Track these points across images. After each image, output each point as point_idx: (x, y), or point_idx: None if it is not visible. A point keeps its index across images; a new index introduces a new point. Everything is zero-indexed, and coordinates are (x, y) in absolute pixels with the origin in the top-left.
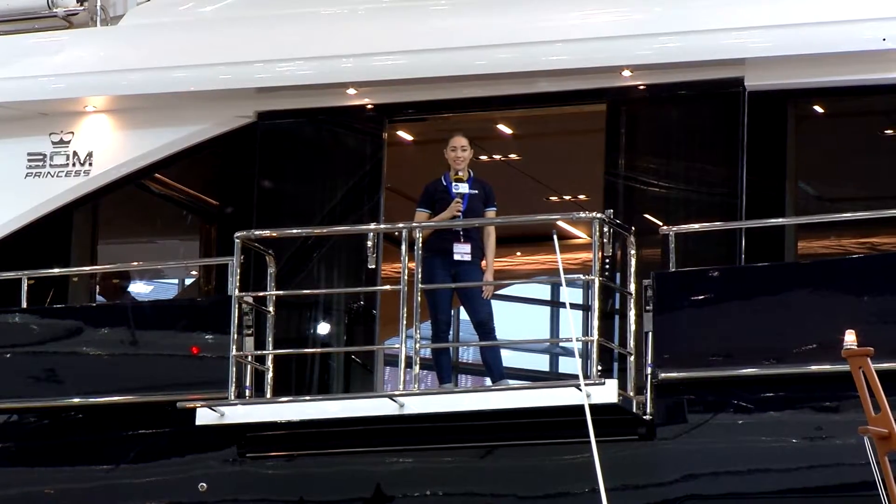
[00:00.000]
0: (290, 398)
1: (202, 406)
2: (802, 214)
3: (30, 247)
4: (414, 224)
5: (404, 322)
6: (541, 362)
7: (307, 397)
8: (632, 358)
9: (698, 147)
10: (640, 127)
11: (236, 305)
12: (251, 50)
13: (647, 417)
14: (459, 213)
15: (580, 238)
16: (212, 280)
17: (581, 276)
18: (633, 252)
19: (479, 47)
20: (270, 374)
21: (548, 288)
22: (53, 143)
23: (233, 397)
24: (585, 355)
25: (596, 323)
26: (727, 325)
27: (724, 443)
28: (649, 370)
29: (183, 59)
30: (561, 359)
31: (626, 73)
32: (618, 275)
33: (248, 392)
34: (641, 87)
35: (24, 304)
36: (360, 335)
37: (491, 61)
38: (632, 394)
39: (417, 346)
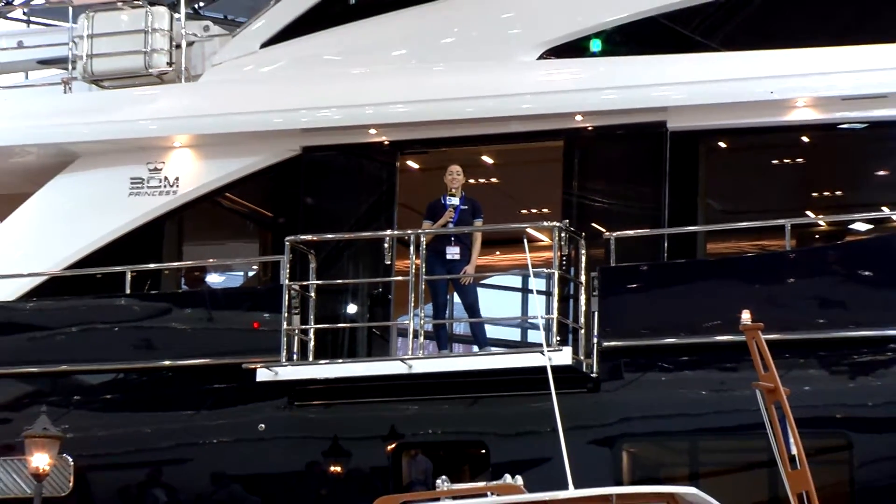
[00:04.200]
0: (327, 361)
1: (261, 367)
2: (710, 224)
3: (132, 248)
4: (419, 231)
5: (412, 304)
6: (514, 334)
7: (339, 360)
8: (582, 331)
9: (632, 173)
10: (588, 158)
11: (286, 292)
12: (297, 100)
13: (594, 375)
14: (451, 220)
15: (544, 241)
16: (268, 273)
17: (544, 269)
18: (583, 252)
19: (468, 98)
20: (312, 343)
21: (519, 279)
22: (149, 170)
23: (284, 360)
24: (547, 329)
25: (555, 305)
26: (654, 307)
27: (652, 394)
28: (595, 340)
29: (246, 107)
30: (529, 332)
31: (579, 117)
32: (572, 269)
33: (295, 356)
34: (590, 129)
35: (128, 291)
36: (378, 314)
37: (477, 108)
38: (582, 358)
39: (422, 322)
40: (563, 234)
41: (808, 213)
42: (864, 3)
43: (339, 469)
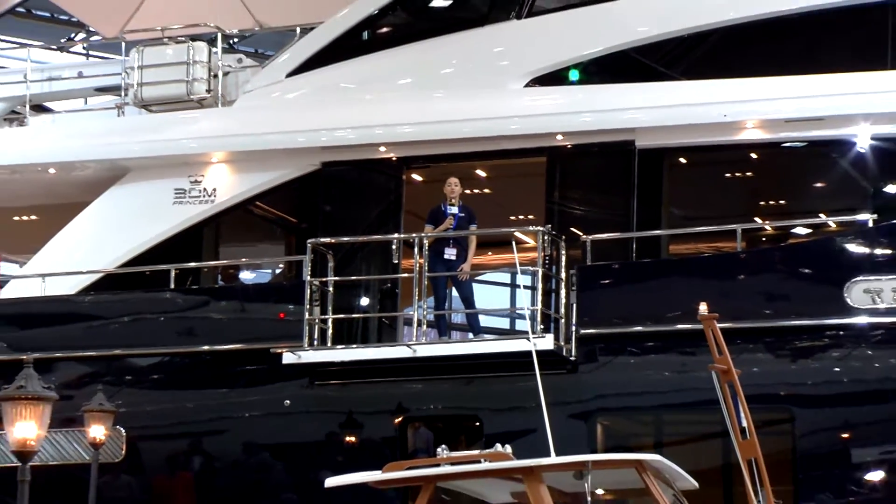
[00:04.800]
0: (343, 346)
1: (286, 351)
2: (672, 228)
3: (175, 249)
4: (423, 235)
5: (416, 297)
6: (504, 323)
7: (354, 346)
8: (562, 321)
9: (605, 185)
10: (567, 172)
11: (308, 287)
12: (318, 122)
13: (572, 359)
14: (451, 226)
15: (529, 243)
16: (292, 270)
17: (530, 267)
18: (563, 252)
19: (464, 120)
20: (330, 331)
21: (508, 275)
22: (190, 182)
23: (306, 346)
24: (532, 319)
25: (539, 298)
26: (624, 300)
27: (622, 375)
28: (573, 328)
29: (273, 128)
30: (517, 321)
31: (559, 137)
32: (554, 267)
33: (315, 342)
34: (569, 146)
35: (172, 286)
36: (387, 306)
37: (472, 129)
38: (562, 343)
39: (424, 312)
40: (545, 238)
41: (757, 219)
42: (804, 40)
43: (353, 439)
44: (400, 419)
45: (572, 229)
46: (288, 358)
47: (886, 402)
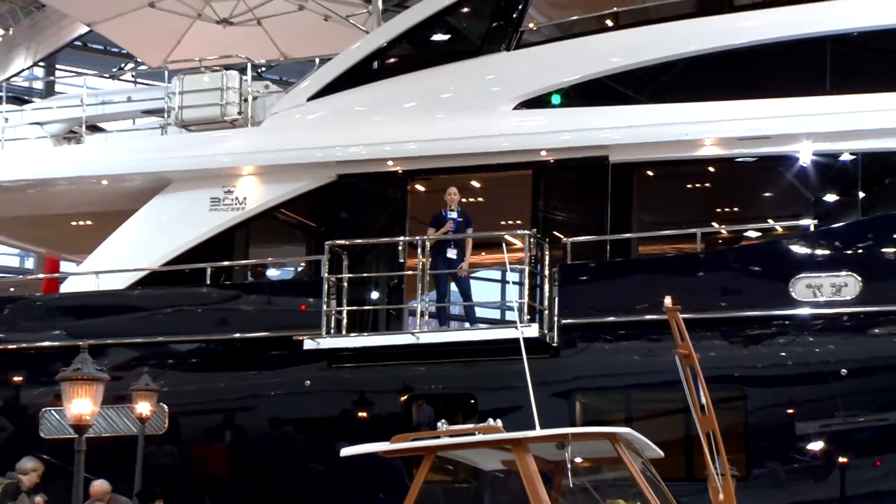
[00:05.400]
0: (356, 334)
1: (307, 338)
2: (641, 232)
3: (211, 250)
4: (426, 237)
5: (419, 291)
6: (496, 314)
7: (365, 334)
8: (546, 312)
9: (583, 194)
10: (550, 183)
11: (326, 283)
12: (334, 140)
13: (554, 345)
14: (451, 230)
15: (518, 245)
16: (312, 268)
17: (518, 266)
18: (546, 253)
19: (461, 138)
20: (345, 321)
21: (500, 273)
22: (224, 192)
23: (324, 334)
24: (520, 310)
25: (526, 292)
26: (599, 294)
27: (598, 359)
28: (555, 318)
29: (296, 145)
30: (507, 312)
31: (543, 153)
32: (538, 265)
33: (332, 331)
34: (552, 161)
35: (208, 282)
36: (394, 299)
37: (468, 146)
38: (546, 331)
39: (427, 305)
40: (531, 240)
41: (714, 223)
42: (754, 69)
43: (364, 414)
44: (405, 397)
45: (555, 233)
46: (308, 344)
47: (825, 382)
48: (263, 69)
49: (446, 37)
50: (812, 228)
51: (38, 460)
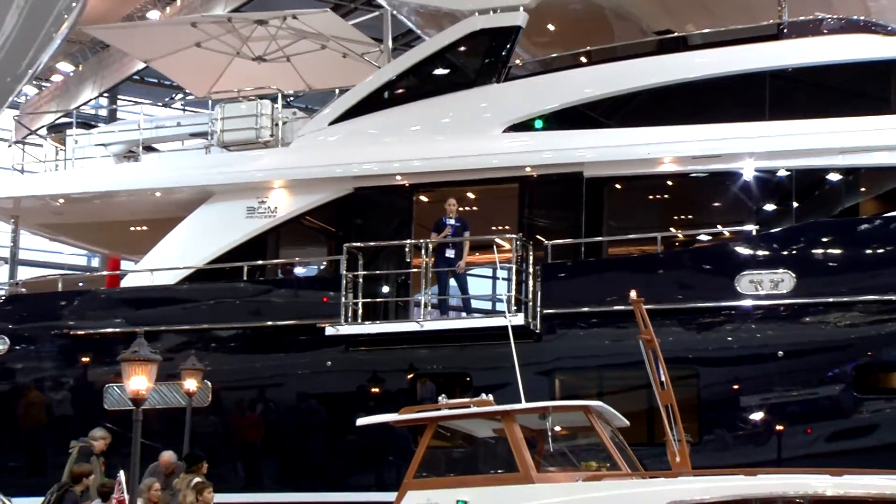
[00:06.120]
0: (370, 322)
1: (328, 326)
2: (611, 236)
3: (247, 251)
4: (429, 241)
5: (423, 286)
6: (488, 305)
7: (377, 322)
8: (530, 303)
9: (562, 204)
10: (534, 196)
11: (344, 278)
12: (351, 158)
13: (537, 331)
14: (450, 234)
15: (506, 247)
16: (333, 266)
17: (507, 264)
18: (531, 253)
19: (459, 157)
20: (360, 311)
21: (491, 270)
22: (258, 202)
23: (343, 322)
24: (508, 302)
25: (514, 286)
26: (575, 288)
27: (574, 343)
28: (538, 309)
29: (319, 161)
30: (497, 304)
31: (528, 169)
32: (524, 264)
33: (349, 319)
34: (535, 176)
35: (245, 278)
36: (402, 292)
37: (464, 163)
38: (530, 320)
39: (430, 297)
40: (518, 243)
41: (672, 229)
42: (706, 98)
43: (377, 390)
44: (411, 376)
45: (538, 236)
46: (329, 331)
47: (766, 362)
48: (292, 98)
49: (445, 71)
50: (754, 233)
51: (106, 430)
